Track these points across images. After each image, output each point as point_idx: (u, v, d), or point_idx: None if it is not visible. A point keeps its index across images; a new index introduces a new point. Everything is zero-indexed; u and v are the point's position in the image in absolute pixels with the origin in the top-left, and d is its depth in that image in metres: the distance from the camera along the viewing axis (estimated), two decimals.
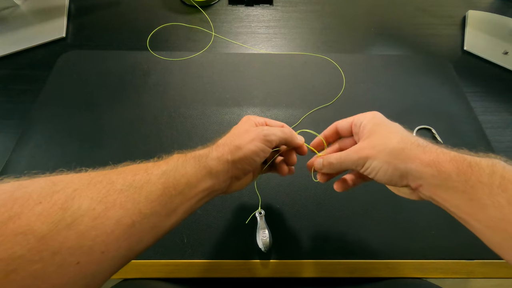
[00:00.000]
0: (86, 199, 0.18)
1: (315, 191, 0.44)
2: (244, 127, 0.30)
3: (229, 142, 0.28)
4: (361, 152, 0.27)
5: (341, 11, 0.72)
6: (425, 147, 0.25)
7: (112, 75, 0.56)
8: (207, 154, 0.26)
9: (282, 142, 0.31)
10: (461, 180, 0.22)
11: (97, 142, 0.47)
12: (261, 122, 0.32)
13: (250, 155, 0.27)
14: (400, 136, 0.26)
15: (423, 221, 0.41)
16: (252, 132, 0.29)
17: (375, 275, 0.38)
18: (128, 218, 0.19)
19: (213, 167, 0.26)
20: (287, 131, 0.31)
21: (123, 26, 0.66)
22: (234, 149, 0.27)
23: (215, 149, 0.27)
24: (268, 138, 0.28)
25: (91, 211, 0.18)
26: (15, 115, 0.50)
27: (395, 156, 0.25)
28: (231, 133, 0.30)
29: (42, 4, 0.67)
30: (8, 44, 0.59)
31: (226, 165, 0.26)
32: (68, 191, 0.18)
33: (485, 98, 0.56)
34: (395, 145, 0.26)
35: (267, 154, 0.29)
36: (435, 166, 0.23)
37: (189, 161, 0.25)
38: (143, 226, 0.20)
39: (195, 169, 0.25)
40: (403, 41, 0.66)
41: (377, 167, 0.26)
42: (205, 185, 0.25)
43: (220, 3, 0.72)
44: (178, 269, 0.38)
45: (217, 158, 0.26)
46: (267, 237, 0.38)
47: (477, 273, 0.38)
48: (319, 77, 0.57)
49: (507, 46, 0.62)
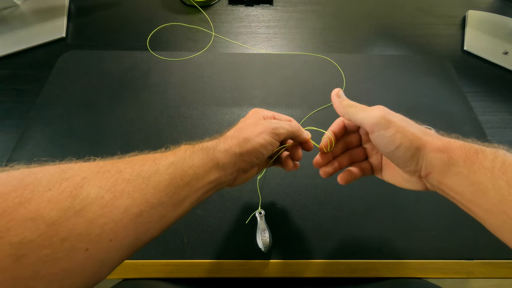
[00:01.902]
0: (95, 188, 0.18)
1: (315, 191, 0.44)
2: (252, 120, 0.30)
3: (237, 135, 0.27)
4: (387, 115, 0.26)
5: (341, 11, 0.72)
6: (438, 135, 0.25)
7: (112, 75, 0.56)
8: (215, 146, 0.26)
9: (290, 136, 0.30)
10: (466, 166, 0.22)
11: (97, 142, 0.47)
12: (269, 115, 0.32)
13: (258, 148, 0.27)
14: (416, 125, 0.26)
15: (423, 221, 0.41)
16: (260, 125, 0.28)
17: (375, 275, 0.38)
18: (136, 208, 0.19)
19: (220, 160, 0.25)
20: (295, 125, 0.31)
21: (123, 26, 0.66)
22: (242, 142, 0.27)
23: (223, 141, 0.27)
24: (276, 132, 0.28)
25: (99, 199, 0.18)
26: (15, 115, 0.50)
27: (418, 138, 0.24)
28: (239, 125, 0.30)
29: (42, 4, 0.67)
30: (8, 44, 0.59)
31: (234, 158, 0.26)
32: (77, 179, 0.18)
33: (485, 98, 0.56)
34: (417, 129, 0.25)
35: (274, 147, 0.29)
36: (447, 152, 0.23)
37: (197, 152, 0.25)
38: (150, 216, 0.20)
39: (203, 161, 0.25)
40: (403, 41, 0.66)
41: (399, 141, 0.24)
42: (212, 177, 0.25)
43: (220, 3, 0.72)
44: (178, 269, 0.38)
45: (225, 151, 0.26)
46: (267, 237, 0.38)
47: (477, 273, 0.38)
48: (319, 77, 0.57)
49: (507, 46, 0.62)
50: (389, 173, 0.30)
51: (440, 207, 0.42)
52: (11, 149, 0.46)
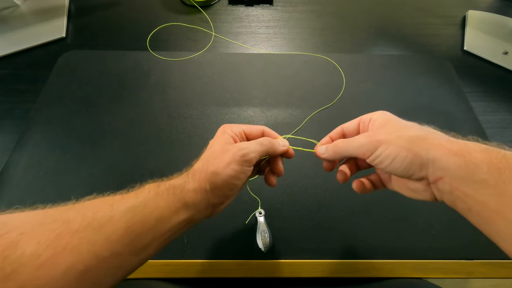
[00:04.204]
0: (32, 244, 0.17)
1: (315, 191, 0.44)
2: (219, 146, 0.27)
3: (205, 168, 0.26)
4: (373, 136, 0.25)
5: (341, 11, 0.72)
6: (449, 137, 0.23)
7: (112, 75, 0.56)
8: (183, 185, 0.24)
9: (264, 155, 0.29)
10: (492, 173, 0.19)
11: (97, 142, 0.47)
12: (238, 132, 0.29)
13: (229, 181, 0.25)
14: (418, 126, 0.25)
15: (423, 221, 0.41)
16: (228, 153, 0.26)
17: (375, 275, 0.38)
18: (81, 264, 0.17)
19: (189, 200, 0.24)
20: (266, 143, 0.28)
21: (123, 26, 0.66)
22: (211, 176, 0.25)
23: (192, 178, 0.25)
24: (246, 158, 0.26)
25: (35, 259, 0.16)
26: (15, 115, 0.50)
27: (416, 143, 0.23)
28: (207, 153, 0.28)
29: (42, 4, 0.67)
30: (8, 44, 0.59)
31: (205, 195, 0.25)
32: (14, 234, 0.17)
33: (485, 98, 0.56)
34: (416, 132, 0.23)
35: (248, 174, 0.27)
36: (463, 155, 0.20)
37: (162, 193, 0.23)
38: (100, 269, 0.19)
39: (168, 203, 0.23)
40: (403, 41, 0.66)
41: (393, 154, 0.23)
42: (181, 218, 0.24)
43: (220, 3, 0.72)
44: (178, 269, 0.38)
45: (194, 190, 0.24)
46: (267, 237, 0.38)
47: (477, 273, 0.38)
48: (319, 77, 0.57)
49: (507, 46, 0.62)
50: (396, 183, 0.28)
51: (440, 207, 0.42)
52: (11, 149, 0.46)
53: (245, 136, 0.30)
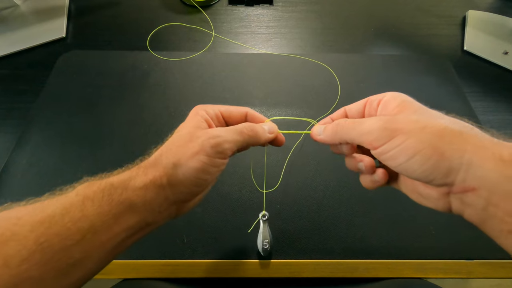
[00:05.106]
0: None
1: (315, 191, 0.44)
2: (187, 130, 0.23)
3: (164, 159, 0.21)
4: (389, 122, 0.19)
5: (341, 11, 0.72)
6: (491, 137, 0.17)
7: (112, 75, 0.56)
8: (126, 182, 0.19)
9: (243, 146, 0.23)
10: None
11: (97, 142, 0.47)
12: (214, 114, 0.24)
13: (194, 175, 0.20)
14: (448, 117, 0.19)
15: (423, 221, 0.41)
16: (196, 140, 0.21)
17: (375, 275, 0.38)
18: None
19: (136, 200, 0.19)
20: (246, 131, 0.23)
21: (123, 26, 0.66)
22: (170, 169, 0.20)
23: (143, 171, 0.20)
24: (218, 149, 0.21)
25: None
26: (15, 115, 0.50)
27: (446, 139, 0.17)
28: (171, 139, 0.23)
29: (42, 4, 0.67)
30: (8, 44, 0.59)
31: (161, 192, 0.20)
32: None
33: (485, 98, 0.56)
34: (446, 124, 0.18)
35: (222, 167, 0.22)
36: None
37: (94, 196, 0.18)
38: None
39: (101, 208, 0.18)
40: (403, 41, 0.66)
41: (412, 150, 0.17)
42: (128, 224, 0.19)
43: (220, 3, 0.72)
44: (178, 269, 0.38)
45: (143, 187, 0.19)
46: (267, 246, 0.36)
47: (477, 273, 0.38)
48: (319, 77, 0.57)
49: (507, 46, 0.62)
50: (404, 184, 0.23)
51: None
52: (11, 149, 0.46)
53: (223, 120, 0.25)
